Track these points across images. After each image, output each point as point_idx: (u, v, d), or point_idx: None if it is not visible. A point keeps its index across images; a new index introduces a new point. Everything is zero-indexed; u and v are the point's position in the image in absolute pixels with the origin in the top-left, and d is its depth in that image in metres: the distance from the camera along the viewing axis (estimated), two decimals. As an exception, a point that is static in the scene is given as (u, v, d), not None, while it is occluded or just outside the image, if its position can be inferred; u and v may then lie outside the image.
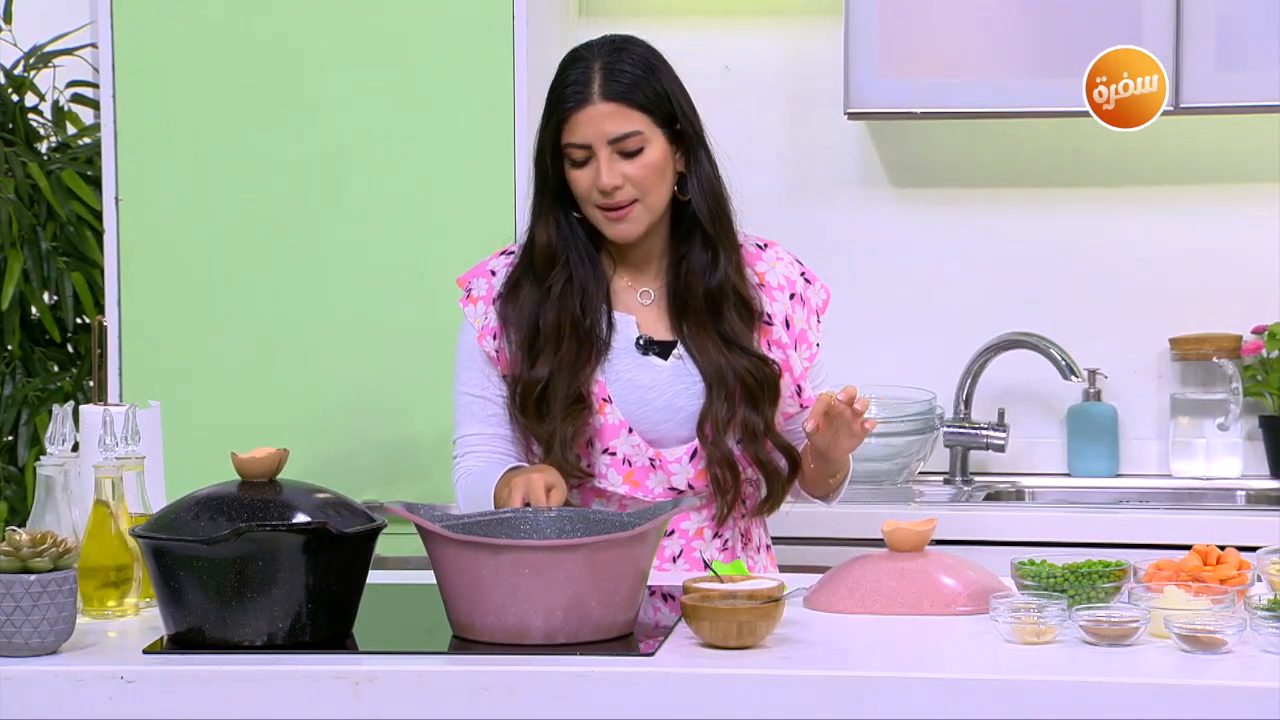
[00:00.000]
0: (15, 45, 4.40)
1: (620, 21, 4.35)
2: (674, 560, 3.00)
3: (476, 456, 3.02)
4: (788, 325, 3.05)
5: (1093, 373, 4.27)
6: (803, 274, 3.10)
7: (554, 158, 2.97)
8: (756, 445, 2.98)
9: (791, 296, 3.07)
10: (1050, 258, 4.32)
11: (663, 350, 3.02)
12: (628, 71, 2.96)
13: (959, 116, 4.13)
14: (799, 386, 3.04)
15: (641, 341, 3.01)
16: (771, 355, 3.02)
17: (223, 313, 3.88)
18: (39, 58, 4.38)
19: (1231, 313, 4.24)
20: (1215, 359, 4.21)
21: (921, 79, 4.04)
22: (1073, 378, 4.19)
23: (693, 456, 2.99)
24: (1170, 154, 4.26)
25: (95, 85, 4.23)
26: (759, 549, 3.09)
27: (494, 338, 3.02)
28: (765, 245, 3.10)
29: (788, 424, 3.05)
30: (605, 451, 2.98)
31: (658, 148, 2.96)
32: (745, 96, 4.33)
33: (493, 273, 3.06)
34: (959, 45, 4.04)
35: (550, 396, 2.96)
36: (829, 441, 2.88)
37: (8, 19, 4.37)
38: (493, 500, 2.87)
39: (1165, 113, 3.95)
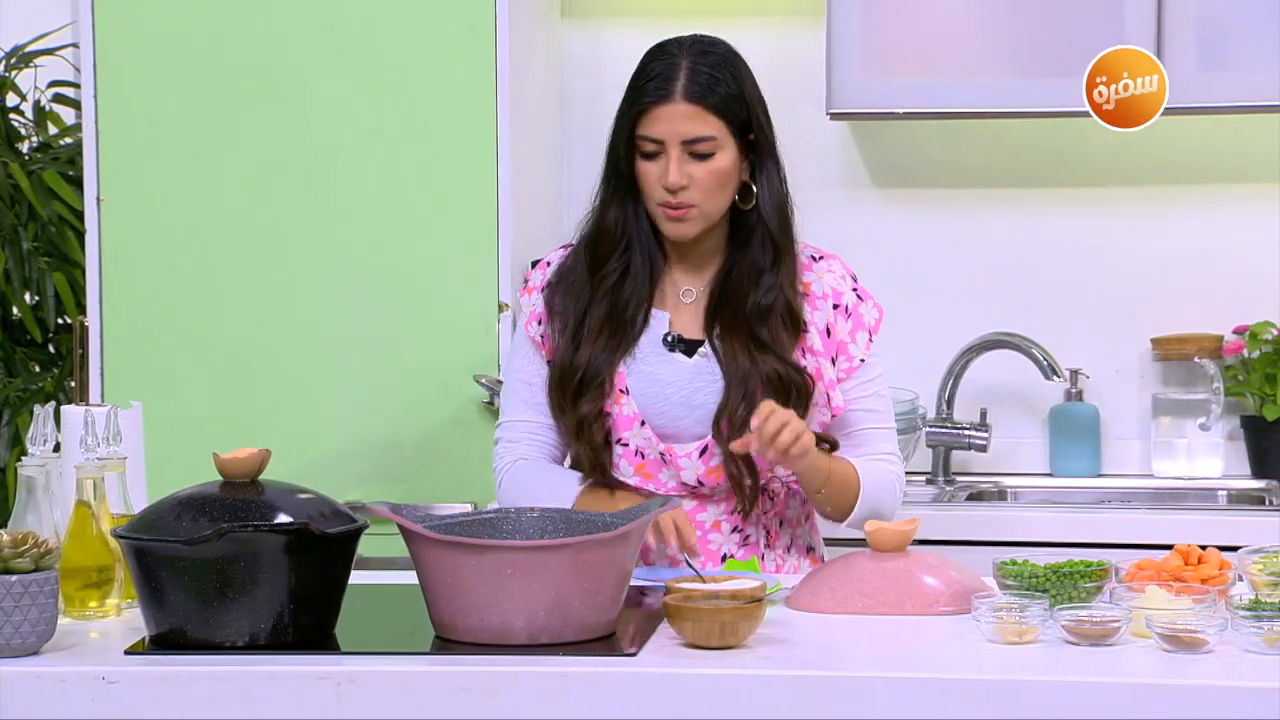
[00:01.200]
0: (-4, 45, 4.40)
1: (603, 21, 4.35)
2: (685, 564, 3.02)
3: (521, 446, 3.07)
4: (828, 334, 3.05)
5: (1075, 373, 4.28)
6: (854, 289, 3.10)
7: (627, 147, 2.99)
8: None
9: (835, 307, 3.06)
10: (1032, 258, 4.32)
11: (689, 348, 3.02)
12: (713, 75, 2.97)
13: (942, 117, 4.13)
14: (828, 395, 3.03)
15: (669, 338, 3.02)
16: (805, 364, 3.02)
17: (205, 313, 3.88)
18: (20, 57, 4.37)
19: (1213, 313, 4.25)
20: (1197, 359, 4.22)
21: (904, 79, 4.05)
22: (1055, 378, 4.20)
23: (703, 453, 3.00)
24: (1153, 155, 4.26)
25: (77, 85, 4.22)
26: (789, 549, 3.08)
27: (539, 323, 3.06)
28: (821, 258, 3.10)
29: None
30: (619, 442, 3.01)
31: (728, 155, 2.98)
32: (728, 97, 4.32)
33: (549, 264, 3.10)
34: (941, 45, 4.04)
35: (586, 382, 3.00)
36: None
37: (-11, 19, 4.36)
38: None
39: (1148, 113, 3.97)
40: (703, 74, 2.97)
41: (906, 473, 4.17)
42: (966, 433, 4.25)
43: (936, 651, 2.54)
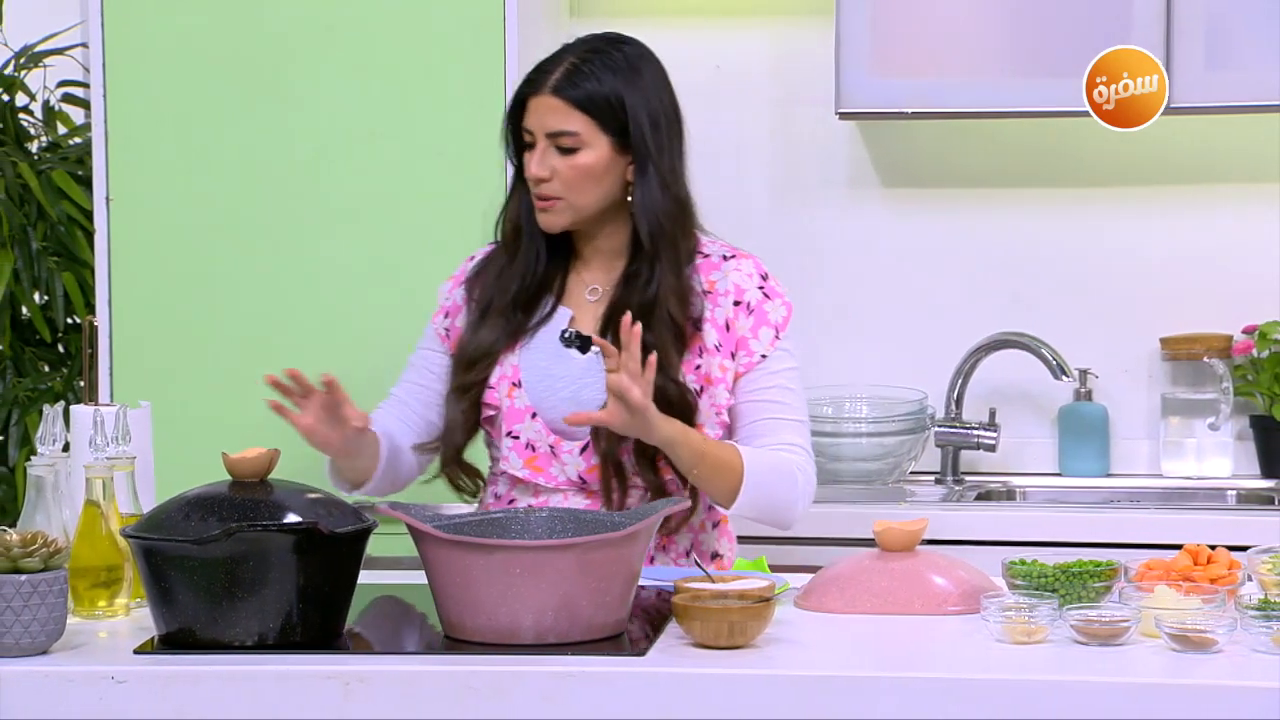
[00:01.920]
0: (6, 45, 4.40)
1: (611, 21, 4.34)
2: (694, 562, 3.03)
3: (381, 412, 3.16)
4: (727, 329, 3.05)
5: (1083, 372, 4.28)
6: (761, 287, 3.08)
7: (515, 136, 3.08)
8: (645, 462, 2.98)
9: (737, 304, 3.06)
10: (1041, 257, 4.32)
11: (582, 344, 3.03)
12: (589, 73, 3.02)
13: (950, 116, 4.12)
14: (695, 405, 3.01)
15: (566, 334, 3.02)
16: (699, 363, 3.01)
17: (213, 312, 3.88)
18: (29, 57, 4.38)
19: (1222, 312, 4.24)
20: (1206, 359, 4.21)
21: (912, 79, 4.04)
22: (1063, 377, 4.19)
23: (584, 450, 3.02)
24: (1161, 154, 4.26)
25: (86, 85, 4.23)
26: (688, 553, 3.08)
27: (445, 315, 3.15)
28: (732, 256, 3.10)
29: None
30: (509, 434, 3.04)
31: (596, 153, 3.01)
32: (736, 96, 4.33)
33: (472, 259, 3.18)
34: (950, 45, 4.04)
35: (476, 359, 3.06)
36: (625, 427, 2.85)
37: (-2, 19, 4.36)
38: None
39: (1155, 113, 3.96)
40: (580, 71, 3.02)
41: (914, 473, 4.22)
42: (975, 432, 4.24)
43: (945, 651, 2.54)
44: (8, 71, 4.37)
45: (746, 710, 2.37)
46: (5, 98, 4.37)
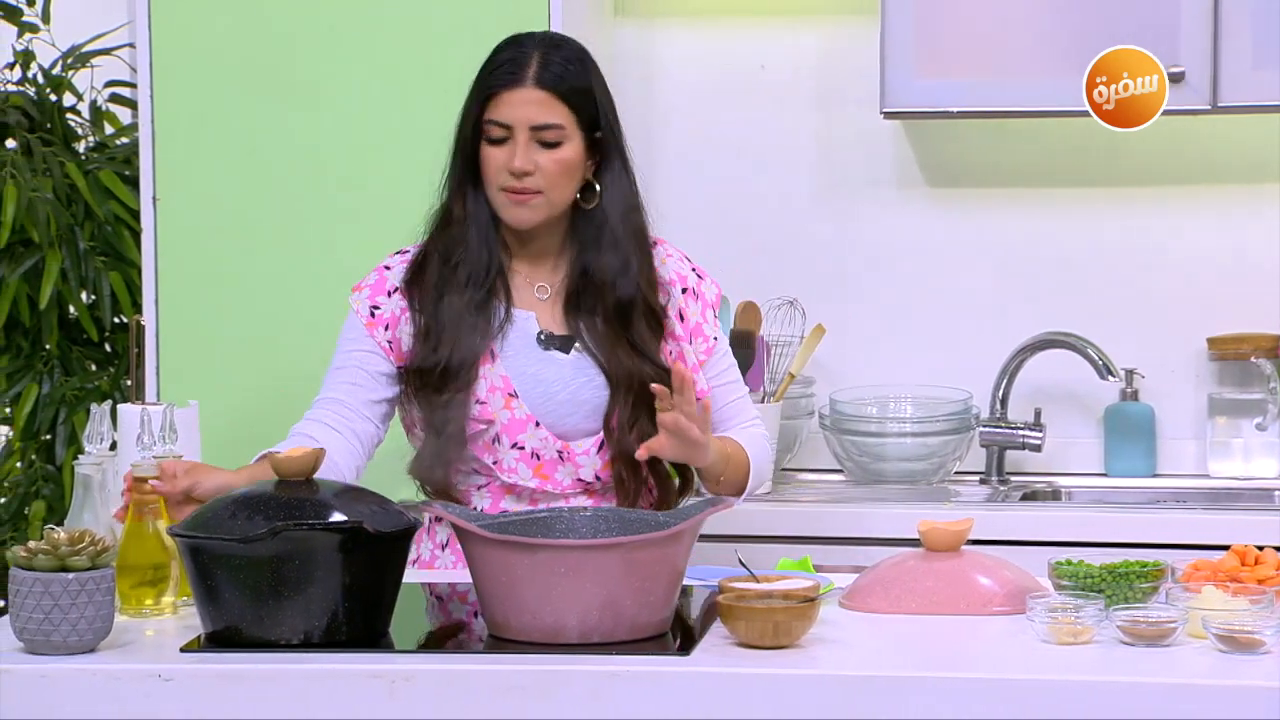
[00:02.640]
0: (53, 45, 4.42)
1: (656, 21, 4.35)
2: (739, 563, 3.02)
3: (315, 419, 3.02)
4: (681, 319, 3.08)
5: (1130, 372, 4.26)
6: (694, 269, 3.14)
7: (473, 133, 3.02)
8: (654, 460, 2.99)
9: (684, 291, 3.10)
10: (1087, 257, 4.30)
11: (563, 345, 3.02)
12: (564, 66, 3.01)
13: (995, 116, 4.12)
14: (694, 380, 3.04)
15: (542, 336, 3.01)
16: (671, 348, 3.05)
17: (259, 311, 3.89)
18: (77, 58, 4.40)
19: (1269, 312, 4.22)
20: (1253, 359, 4.19)
21: (958, 79, 4.03)
22: (1110, 377, 4.18)
23: (600, 448, 3.01)
24: (1207, 153, 4.24)
25: (133, 85, 4.24)
26: None
27: (386, 328, 3.05)
28: (655, 244, 3.11)
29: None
30: (514, 446, 3.00)
31: (574, 147, 3.00)
32: (780, 96, 4.32)
33: (388, 268, 3.10)
34: (995, 45, 4.03)
35: (449, 375, 2.97)
36: (679, 456, 2.90)
37: (46, 19, 4.38)
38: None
39: (1203, 112, 3.94)
40: (554, 63, 3.01)
41: (959, 473, 4.22)
42: (1021, 432, 4.23)
43: (991, 652, 2.53)
44: (55, 72, 4.40)
45: (791, 710, 2.36)
46: (53, 98, 4.39)
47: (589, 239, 3.04)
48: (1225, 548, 2.74)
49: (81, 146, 4.44)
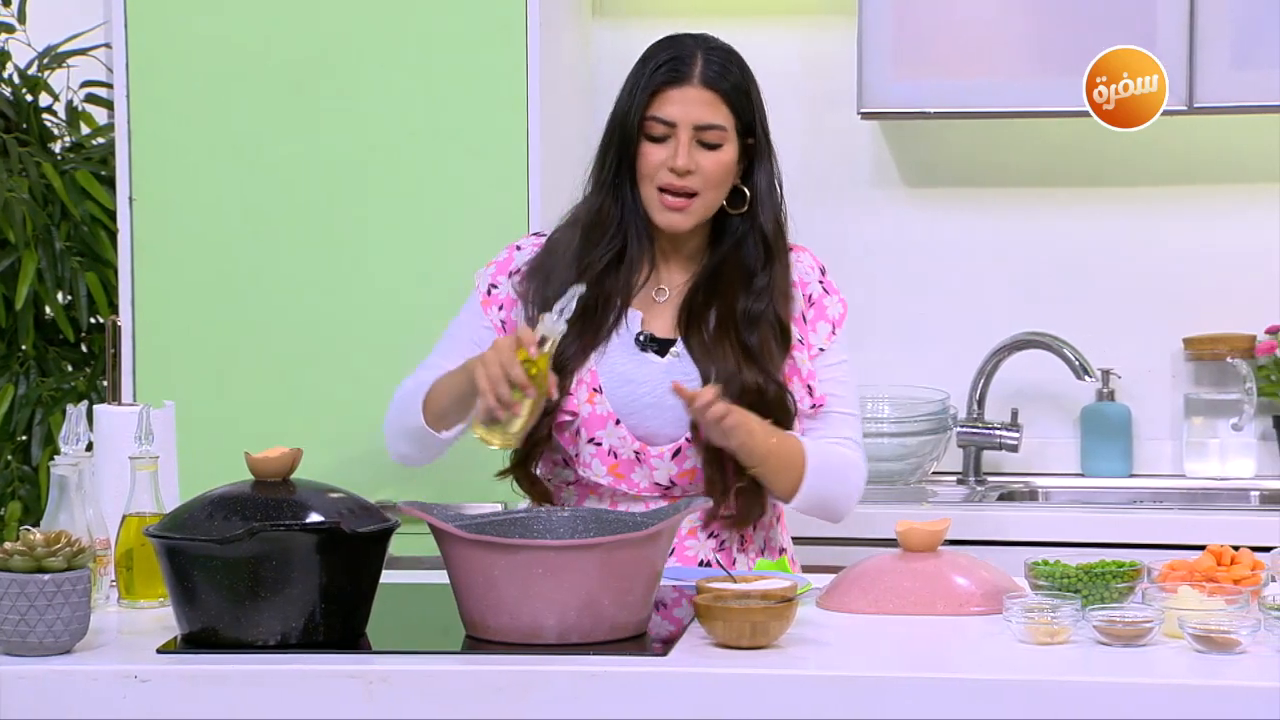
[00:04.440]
0: (29, 45, 4.40)
1: (634, 21, 4.35)
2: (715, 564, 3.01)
3: (413, 380, 3.01)
4: (803, 320, 3.06)
5: (1106, 373, 4.27)
6: (820, 281, 3.10)
7: (635, 129, 2.97)
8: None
9: (807, 299, 3.07)
10: (1064, 257, 4.31)
11: (660, 348, 3.02)
12: (727, 68, 2.98)
13: (973, 116, 4.13)
14: (809, 387, 3.03)
15: (641, 338, 3.01)
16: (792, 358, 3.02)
17: (237, 312, 3.88)
18: (53, 58, 4.38)
19: (1245, 313, 4.24)
20: (1229, 359, 4.20)
21: (935, 79, 4.04)
22: (1086, 378, 4.19)
23: (675, 454, 2.99)
24: (1184, 154, 4.25)
25: (109, 85, 4.23)
26: (761, 551, 3.08)
27: (500, 308, 3.05)
28: (791, 249, 3.10)
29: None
30: (591, 441, 2.99)
31: (731, 151, 2.98)
32: (759, 96, 4.32)
33: (518, 248, 3.08)
34: (973, 45, 4.03)
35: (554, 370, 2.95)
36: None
37: (21, 19, 4.37)
38: (421, 419, 2.94)
39: (1179, 112, 3.95)
40: (716, 63, 2.98)
41: (937, 473, 4.22)
42: (998, 433, 4.24)
43: (968, 652, 2.54)
44: (31, 72, 4.38)
45: (769, 710, 2.37)
46: (29, 98, 4.38)
47: (730, 243, 3.02)
48: (1201, 548, 2.75)
49: (58, 146, 4.43)
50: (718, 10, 4.29)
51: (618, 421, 2.98)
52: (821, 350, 3.06)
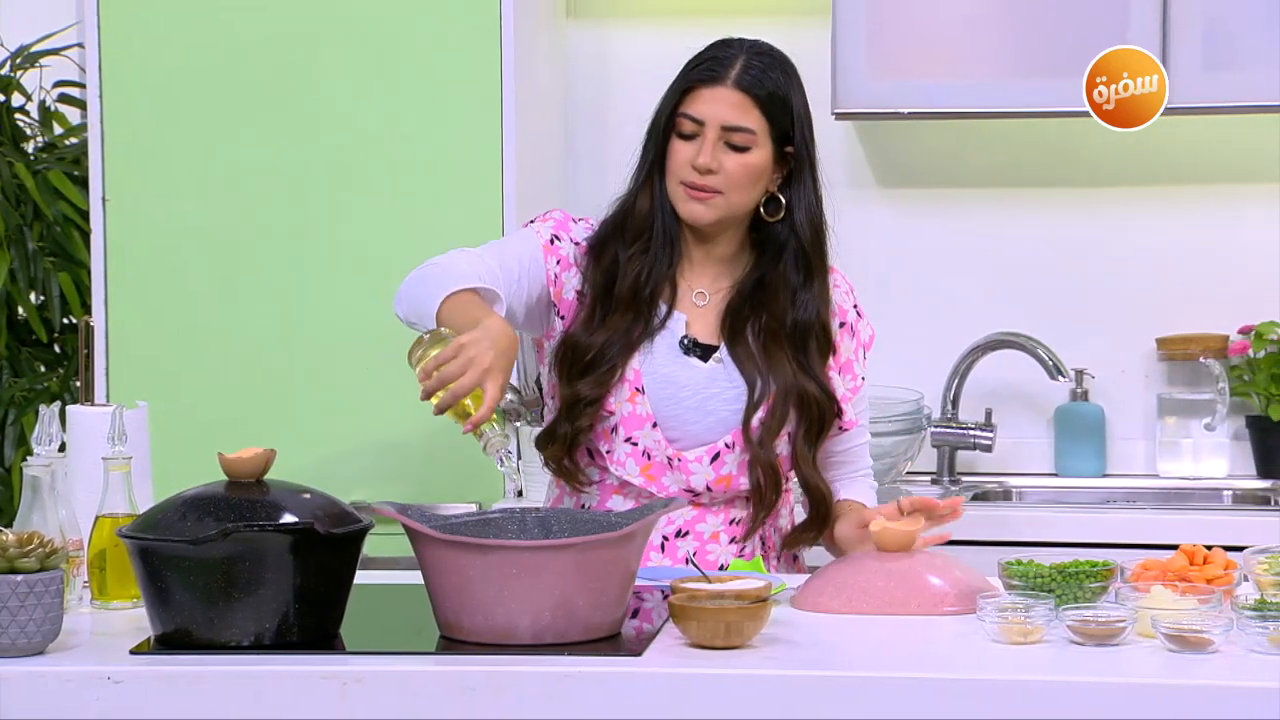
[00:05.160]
0: (2, 45, 4.40)
1: (609, 21, 4.36)
2: (687, 562, 3.00)
3: (465, 257, 2.94)
4: (835, 351, 3.07)
5: (1080, 373, 4.28)
6: (854, 306, 3.12)
7: (666, 125, 2.98)
8: (799, 468, 3.01)
9: (841, 325, 3.08)
10: (1037, 258, 4.32)
11: (704, 353, 3.01)
12: (767, 73, 2.98)
13: (947, 117, 4.13)
14: (840, 410, 3.06)
15: (686, 341, 3.01)
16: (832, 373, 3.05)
17: (210, 313, 3.88)
18: (25, 58, 4.38)
19: (1218, 313, 4.25)
20: (1202, 359, 4.22)
21: (909, 79, 4.05)
22: (1060, 378, 4.19)
23: (714, 459, 2.99)
24: (1158, 154, 4.26)
25: (82, 85, 4.23)
26: (779, 558, 3.08)
27: (557, 262, 2.99)
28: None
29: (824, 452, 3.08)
30: (627, 440, 2.98)
31: (762, 155, 2.97)
32: (733, 97, 4.32)
33: (575, 220, 3.06)
34: (946, 45, 4.04)
35: (593, 364, 2.96)
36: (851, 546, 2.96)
37: (-6, 19, 4.37)
38: (435, 307, 2.84)
39: (1152, 113, 3.97)
40: (755, 68, 2.98)
41: (911, 473, 4.23)
42: (972, 433, 4.24)
43: (942, 651, 2.54)
44: (4, 72, 4.37)
45: (743, 710, 2.37)
46: (1, 98, 4.37)
47: (771, 252, 3.02)
48: (1174, 547, 2.75)
49: (30, 147, 4.42)
50: (692, 10, 4.29)
51: (654, 424, 2.98)
52: (864, 379, 3.10)
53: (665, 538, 3.00)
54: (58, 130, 4.44)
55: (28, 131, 4.44)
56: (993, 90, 4.03)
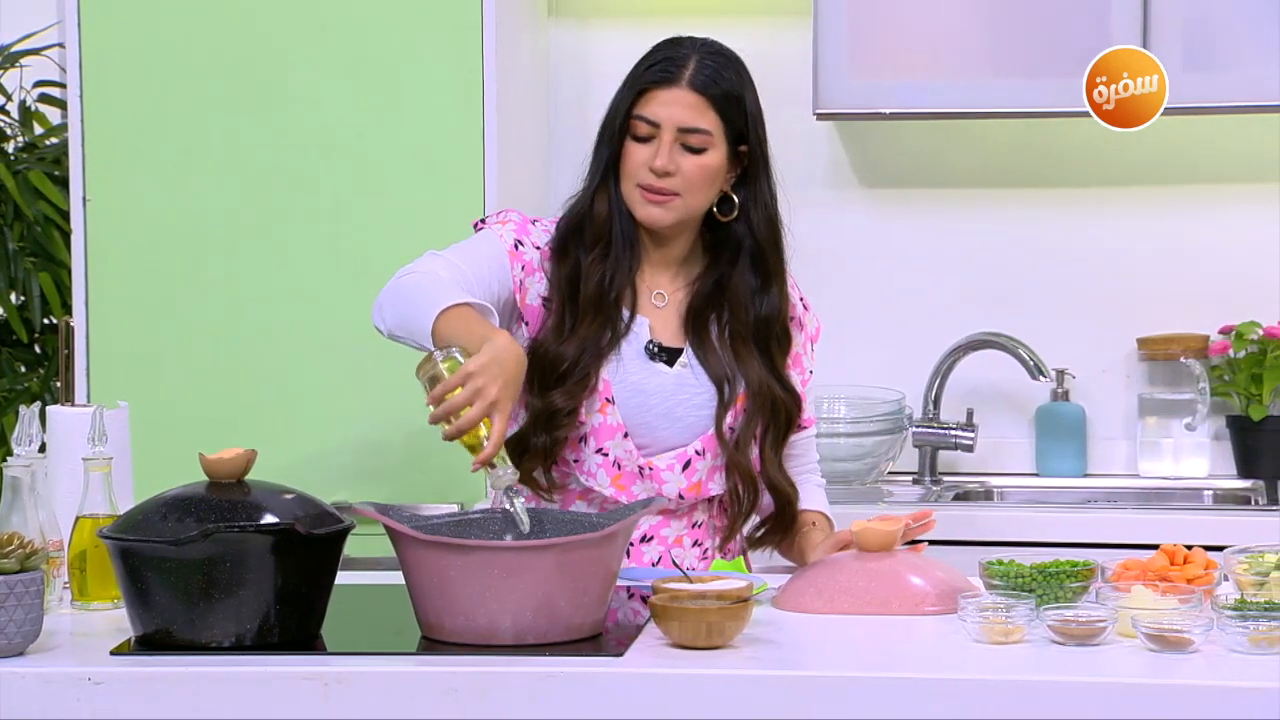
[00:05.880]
0: (-18, 45, 4.39)
1: (591, 21, 4.36)
2: (653, 566, 3.00)
3: (442, 264, 2.90)
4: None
5: (1061, 373, 4.28)
6: (801, 299, 3.11)
7: (620, 128, 2.96)
8: (765, 469, 3.01)
9: (790, 319, 3.07)
10: (1019, 258, 4.33)
11: (670, 357, 3.01)
12: (720, 73, 2.96)
13: (928, 117, 4.13)
14: (802, 408, 3.06)
15: (651, 346, 3.00)
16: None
17: (191, 313, 3.87)
18: (5, 57, 4.37)
19: (1199, 313, 4.25)
20: (1183, 359, 4.22)
21: (890, 79, 4.05)
22: (1041, 378, 4.20)
23: (685, 467, 2.98)
24: (1138, 155, 4.27)
25: (62, 85, 4.22)
26: (734, 555, 3.08)
27: (522, 268, 2.96)
28: None
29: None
30: (598, 451, 2.97)
31: (718, 155, 2.96)
32: (714, 97, 4.32)
33: (533, 222, 3.03)
34: (928, 46, 4.04)
35: (566, 375, 2.93)
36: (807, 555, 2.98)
37: (-26, 19, 4.36)
38: (430, 323, 2.76)
39: (1133, 114, 3.97)
40: (709, 68, 2.96)
41: (892, 473, 4.23)
42: (953, 433, 4.25)
43: (923, 651, 2.54)
44: (-16, 71, 4.36)
45: (725, 710, 2.37)
46: (-18, 98, 4.36)
47: (727, 252, 3.01)
48: (1155, 547, 2.76)
49: (10, 147, 4.41)
50: (673, 10, 4.29)
51: (625, 434, 2.97)
52: (811, 373, 3.10)
53: (631, 543, 2.98)
54: (38, 130, 4.43)
55: (8, 131, 4.43)
56: (974, 90, 4.03)
